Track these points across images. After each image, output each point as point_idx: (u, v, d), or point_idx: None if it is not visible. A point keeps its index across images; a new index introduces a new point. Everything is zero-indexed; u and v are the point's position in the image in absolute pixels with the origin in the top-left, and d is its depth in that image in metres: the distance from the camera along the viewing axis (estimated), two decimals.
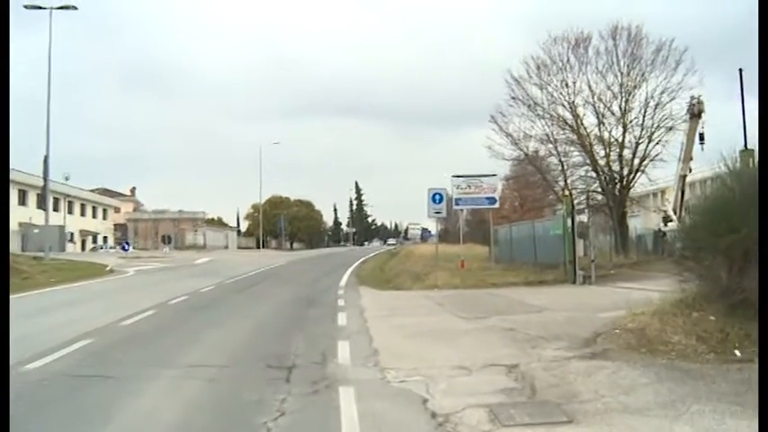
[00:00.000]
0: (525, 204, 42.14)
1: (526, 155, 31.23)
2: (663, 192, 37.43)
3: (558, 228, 21.21)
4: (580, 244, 20.64)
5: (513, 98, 29.86)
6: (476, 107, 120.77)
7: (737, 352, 7.93)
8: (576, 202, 32.06)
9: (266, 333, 11.00)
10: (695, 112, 29.60)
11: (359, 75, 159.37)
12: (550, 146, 30.08)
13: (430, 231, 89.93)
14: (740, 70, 12.29)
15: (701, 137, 31.35)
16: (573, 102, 28.91)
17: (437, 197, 22.93)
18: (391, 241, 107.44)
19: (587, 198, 29.50)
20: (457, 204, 25.04)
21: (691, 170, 34.68)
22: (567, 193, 23.31)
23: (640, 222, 39.35)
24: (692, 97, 29.07)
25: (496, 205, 24.06)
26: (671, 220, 35.85)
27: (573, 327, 10.09)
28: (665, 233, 34.89)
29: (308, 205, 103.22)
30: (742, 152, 11.89)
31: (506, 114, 30.50)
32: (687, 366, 7.40)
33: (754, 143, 13.06)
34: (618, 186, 29.38)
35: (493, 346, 8.92)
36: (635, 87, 28.33)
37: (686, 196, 37.25)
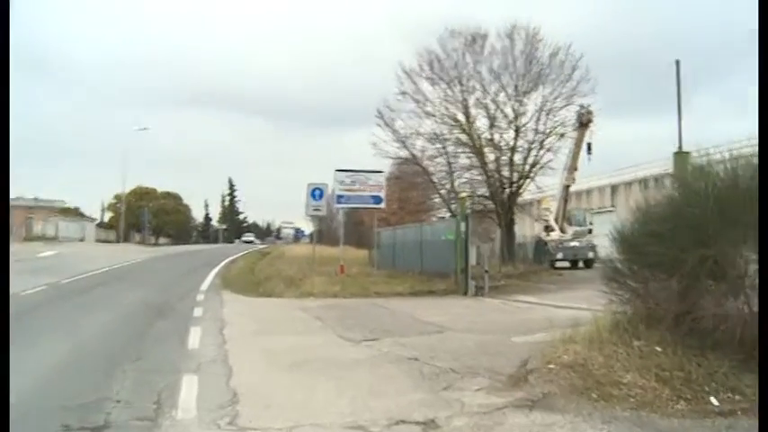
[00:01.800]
0: (406, 207, 40.53)
1: (412, 154, 29.37)
2: (539, 201, 37.01)
3: (451, 233, 19.36)
4: (472, 251, 18.87)
5: (403, 93, 27.97)
6: (360, 106, 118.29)
7: (713, 399, 6.10)
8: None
9: (83, 363, 8.01)
10: (584, 122, 29.04)
11: (237, 68, 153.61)
12: (439, 146, 28.35)
13: (303, 231, 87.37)
14: (677, 62, 10.79)
15: (589, 147, 30.96)
16: (465, 100, 27.34)
17: (317, 193, 20.56)
18: (249, 238, 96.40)
19: (474, 203, 28.05)
20: (339, 202, 22.64)
21: (574, 180, 34.39)
22: (461, 194, 21.55)
23: (518, 230, 38.75)
24: (582, 106, 28.41)
25: (383, 205, 21.88)
26: (553, 230, 35.50)
27: (489, 357, 8.03)
28: (546, 243, 34.41)
29: (176, 198, 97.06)
30: (676, 155, 10.50)
31: (394, 109, 28.59)
32: (660, 422, 5.53)
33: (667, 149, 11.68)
34: (507, 192, 28.07)
35: (395, 386, 6.65)
36: (530, 90, 27.17)
37: (569, 206, 37.09)
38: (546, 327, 10.15)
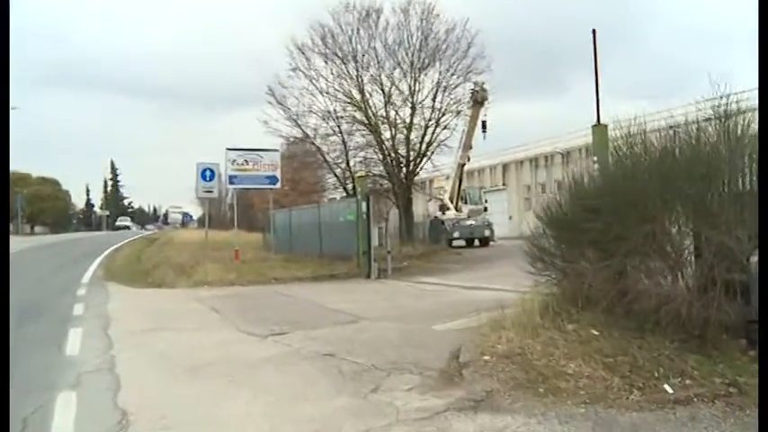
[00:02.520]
0: (298, 188, 39.29)
1: (305, 133, 28.16)
2: (431, 181, 36.86)
3: (351, 213, 18.48)
4: (374, 232, 18.09)
5: (294, 69, 26.63)
6: (252, 85, 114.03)
7: (667, 387, 5.57)
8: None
9: None
10: (478, 100, 28.82)
11: (117, 48, 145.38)
12: (333, 124, 27.28)
13: (191, 216, 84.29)
14: (593, 31, 10.30)
15: (484, 125, 30.88)
16: (360, 77, 26.38)
17: (207, 173, 19.13)
18: (125, 222, 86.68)
19: (371, 182, 27.26)
20: (231, 183, 21.12)
21: (469, 159, 34.35)
22: (360, 173, 20.65)
23: (414, 210, 38.50)
24: (476, 84, 28.13)
25: (278, 185, 20.61)
26: (448, 209, 35.40)
27: (414, 349, 7.22)
28: (443, 222, 34.24)
29: (53, 184, 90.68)
30: (595, 127, 10.07)
31: (287, 86, 27.22)
32: (621, 419, 4.96)
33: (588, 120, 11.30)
34: (404, 171, 27.42)
35: (315, 389, 5.73)
36: (426, 66, 26.51)
37: (464, 185, 37.09)
38: (464, 311, 9.53)
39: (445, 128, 28.04)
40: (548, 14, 70.74)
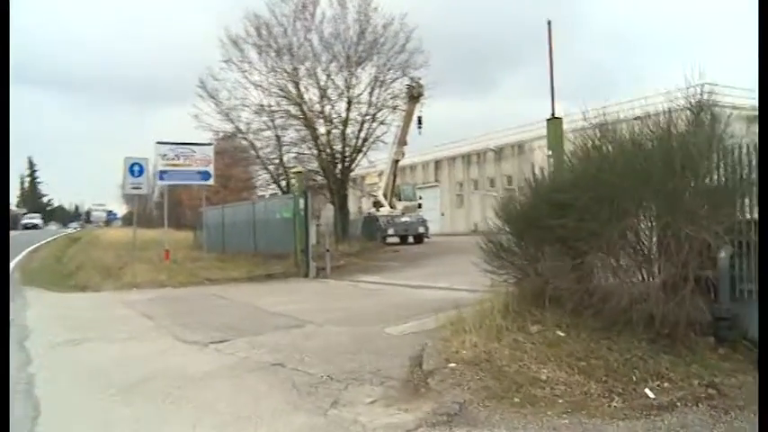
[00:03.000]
0: (229, 185, 38.09)
1: (237, 127, 27.12)
2: (363, 177, 36.46)
3: (288, 210, 17.77)
4: (312, 230, 17.46)
5: (227, 61, 25.56)
6: (183, 82, 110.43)
7: (648, 391, 5.25)
8: (293, 182, 29.18)
9: None
10: (414, 95, 28.50)
11: (43, 38, 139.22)
12: (266, 118, 26.32)
13: (115, 214, 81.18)
14: (549, 22, 9.96)
15: (420, 121, 30.58)
16: (295, 70, 25.51)
17: (136, 169, 18.06)
18: (32, 221, 71.69)
19: (306, 178, 26.51)
20: (162, 179, 20.02)
21: (404, 155, 34.02)
22: (297, 169, 19.89)
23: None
24: (412, 79, 27.76)
25: (211, 181, 19.55)
26: (382, 205, 34.98)
27: (370, 356, 6.69)
28: (377, 218, 33.80)
29: None
30: (549, 120, 9.79)
31: (220, 79, 26.14)
32: (609, 429, 4.53)
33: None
34: (340, 167, 26.74)
35: (268, 406, 5.12)
36: (363, 60, 25.83)
37: (398, 181, 36.74)
38: (416, 312, 9.11)
39: (381, 123, 27.51)
40: (479, 12, 71.56)
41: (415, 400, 5.16)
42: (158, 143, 19.51)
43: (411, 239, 34.53)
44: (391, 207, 35.37)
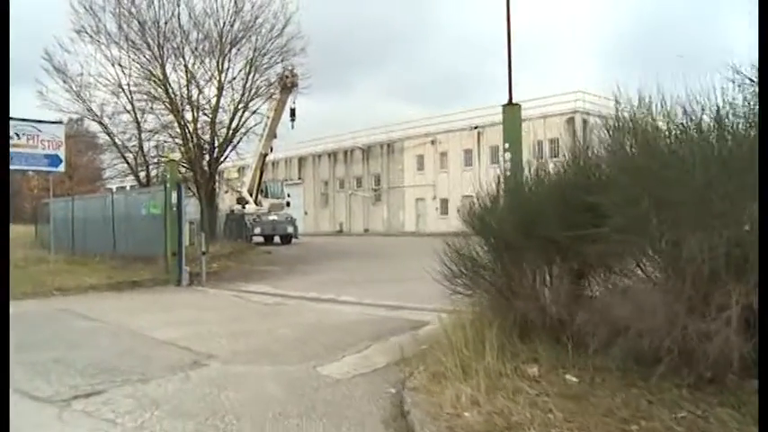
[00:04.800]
0: (76, 174, 34.06)
1: (89, 108, 23.67)
2: (221, 172, 34.14)
3: (157, 205, 15.16)
4: (186, 229, 15.04)
5: (79, 31, 22.11)
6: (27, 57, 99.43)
7: None
8: (156, 173, 26.12)
9: None
10: (287, 85, 26.54)
11: None
12: (125, 100, 23.14)
13: None
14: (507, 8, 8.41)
15: (293, 113, 28.69)
16: (161, 47, 22.51)
17: None
18: None
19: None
20: None
21: (272, 149, 31.98)
22: (172, 156, 17.18)
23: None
24: (285, 68, 25.73)
25: (62, 168, 16.25)
26: (247, 202, 32.75)
27: (323, 419, 4.74)
28: (243, 216, 31.54)
29: None
30: (506, 106, 8.37)
31: (71, 51, 22.64)
32: None
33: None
34: (208, 159, 24.00)
35: None
36: (237, 42, 23.30)
37: (264, 177, 34.51)
38: (345, 340, 7.35)
39: (254, 112, 25.17)
40: (338, 13, 69.99)
41: None
42: None
43: (278, 239, 32.61)
44: (257, 204, 33.21)
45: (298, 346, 7.15)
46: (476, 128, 42.76)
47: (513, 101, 8.46)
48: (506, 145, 8.05)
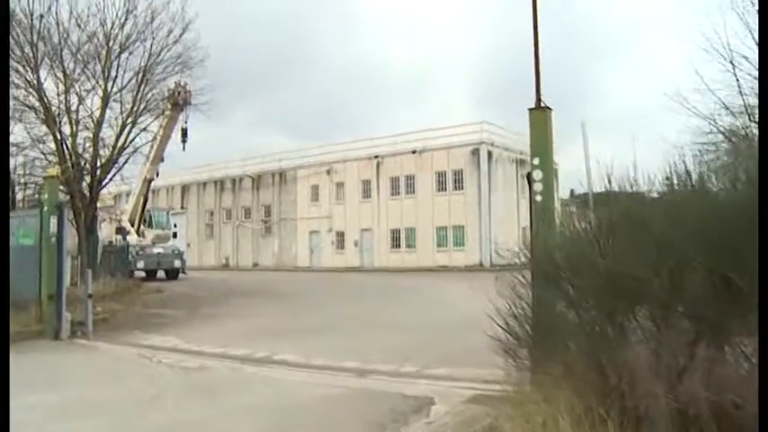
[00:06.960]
0: None
1: None
2: (92, 199, 30.33)
3: (29, 234, 11.82)
4: (67, 264, 11.87)
5: None
6: None
7: None
8: (21, 197, 22.08)
9: None
10: (179, 102, 23.62)
11: None
12: None
13: None
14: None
15: (185, 133, 25.71)
16: (34, 45, 18.87)
17: None
18: None
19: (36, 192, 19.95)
20: None
21: (158, 174, 28.70)
22: (53, 171, 13.84)
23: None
24: (177, 83, 22.77)
25: None
26: (128, 233, 29.23)
27: None
28: (125, 248, 27.92)
29: None
30: (533, 111, 6.19)
31: None
32: None
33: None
34: (89, 180, 20.35)
35: None
36: (126, 47, 19.96)
37: (148, 204, 31.05)
38: None
39: (144, 129, 21.79)
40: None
41: None
42: None
43: (162, 274, 29.37)
44: (139, 236, 29.74)
45: None
46: (376, 157, 40.84)
47: (542, 103, 6.30)
48: (535, 161, 5.89)
